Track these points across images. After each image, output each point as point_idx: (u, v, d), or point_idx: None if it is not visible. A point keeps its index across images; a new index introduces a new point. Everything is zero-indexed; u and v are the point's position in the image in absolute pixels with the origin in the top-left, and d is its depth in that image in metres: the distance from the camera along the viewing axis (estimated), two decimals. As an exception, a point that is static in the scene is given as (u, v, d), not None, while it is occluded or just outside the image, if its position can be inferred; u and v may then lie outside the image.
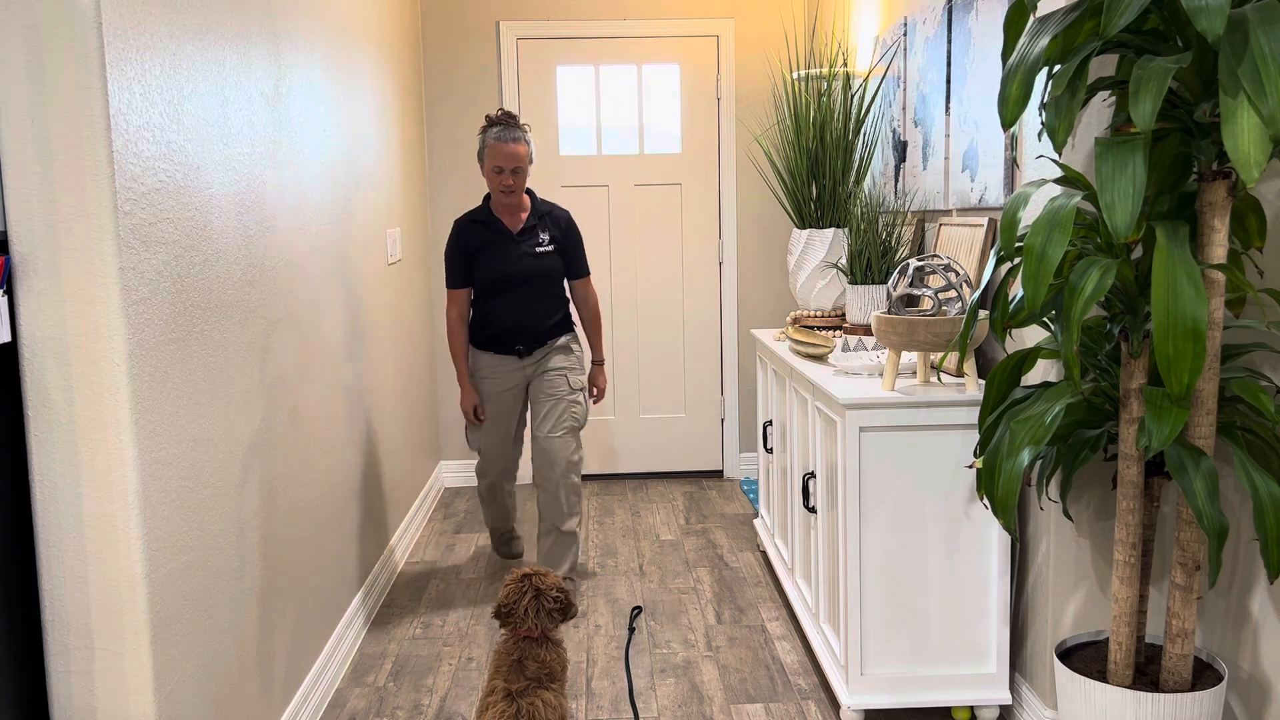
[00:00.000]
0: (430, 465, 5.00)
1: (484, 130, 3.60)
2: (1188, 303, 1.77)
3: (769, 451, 3.87)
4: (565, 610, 2.51)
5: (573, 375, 3.75)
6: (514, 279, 3.65)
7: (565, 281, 3.81)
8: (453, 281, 3.72)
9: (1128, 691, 2.01)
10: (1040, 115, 1.98)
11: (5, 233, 1.80)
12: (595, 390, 3.92)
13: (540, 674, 2.37)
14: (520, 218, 3.69)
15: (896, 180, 3.80)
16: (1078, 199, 1.90)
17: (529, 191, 3.76)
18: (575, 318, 5.02)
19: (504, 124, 3.58)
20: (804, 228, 3.78)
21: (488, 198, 3.71)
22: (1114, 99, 2.31)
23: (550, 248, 3.71)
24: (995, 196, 2.82)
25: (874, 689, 2.70)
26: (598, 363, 3.93)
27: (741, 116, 5.19)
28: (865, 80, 3.88)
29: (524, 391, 3.80)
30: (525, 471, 5.34)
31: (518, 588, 2.50)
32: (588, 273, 3.84)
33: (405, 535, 4.25)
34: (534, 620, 2.44)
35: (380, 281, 3.96)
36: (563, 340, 3.77)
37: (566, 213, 3.78)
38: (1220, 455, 2.25)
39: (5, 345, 1.81)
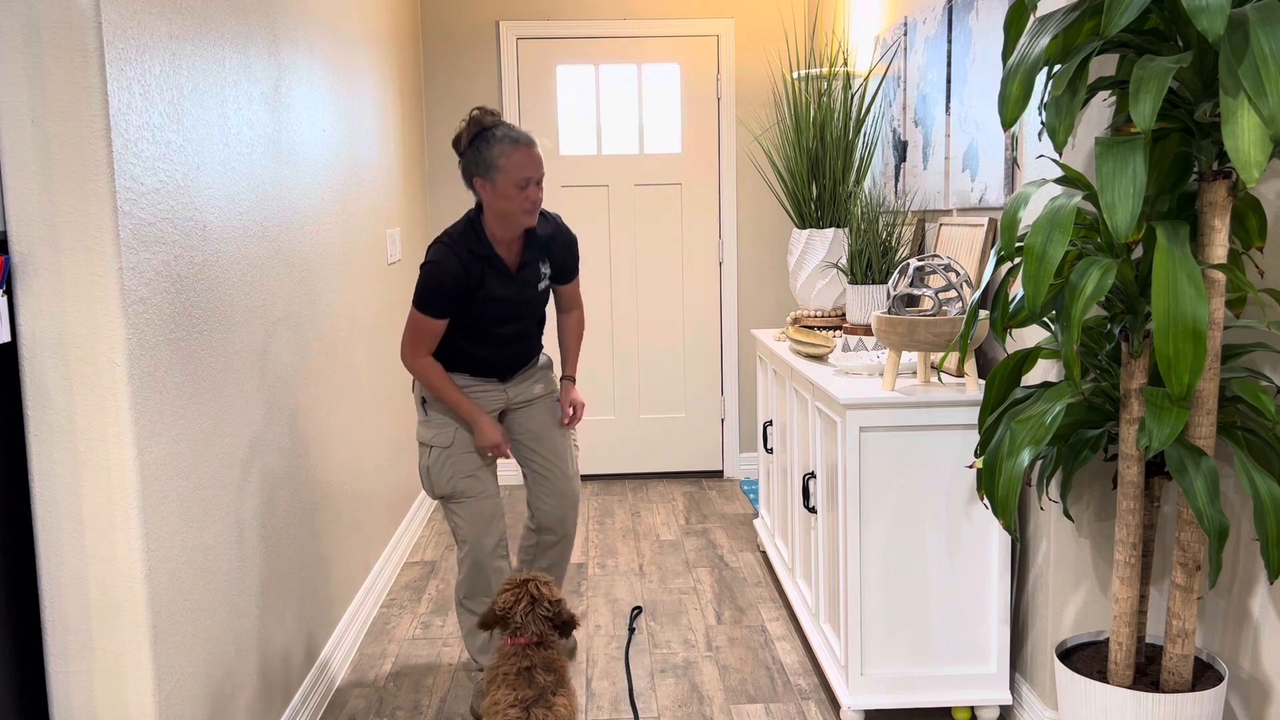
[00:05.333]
0: (430, 465, 5.00)
1: (485, 133, 2.71)
2: (1188, 303, 1.77)
3: (769, 451, 3.87)
4: (558, 620, 2.44)
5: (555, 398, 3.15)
6: (510, 322, 2.90)
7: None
8: (437, 310, 2.77)
9: (1128, 692, 2.01)
10: (1040, 115, 1.98)
11: (5, 233, 1.80)
12: (574, 410, 3.09)
13: (552, 684, 2.32)
14: (517, 250, 2.85)
15: (896, 180, 3.80)
16: (1078, 199, 1.90)
17: None
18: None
19: (505, 123, 2.75)
20: (804, 228, 3.78)
21: (472, 223, 2.81)
22: (1114, 99, 2.31)
23: (547, 282, 2.98)
24: (995, 196, 2.82)
25: (874, 689, 2.70)
26: (569, 378, 3.11)
27: (741, 116, 5.19)
28: (865, 80, 3.88)
29: (499, 420, 3.08)
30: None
31: (514, 594, 2.47)
32: (577, 276, 3.07)
33: (405, 535, 4.25)
34: (534, 627, 2.40)
35: (380, 281, 3.96)
36: (544, 359, 3.14)
37: (568, 232, 2.98)
38: (1220, 455, 2.25)
39: (5, 345, 1.81)
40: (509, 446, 3.01)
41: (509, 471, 5.38)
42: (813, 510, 3.02)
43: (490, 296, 2.83)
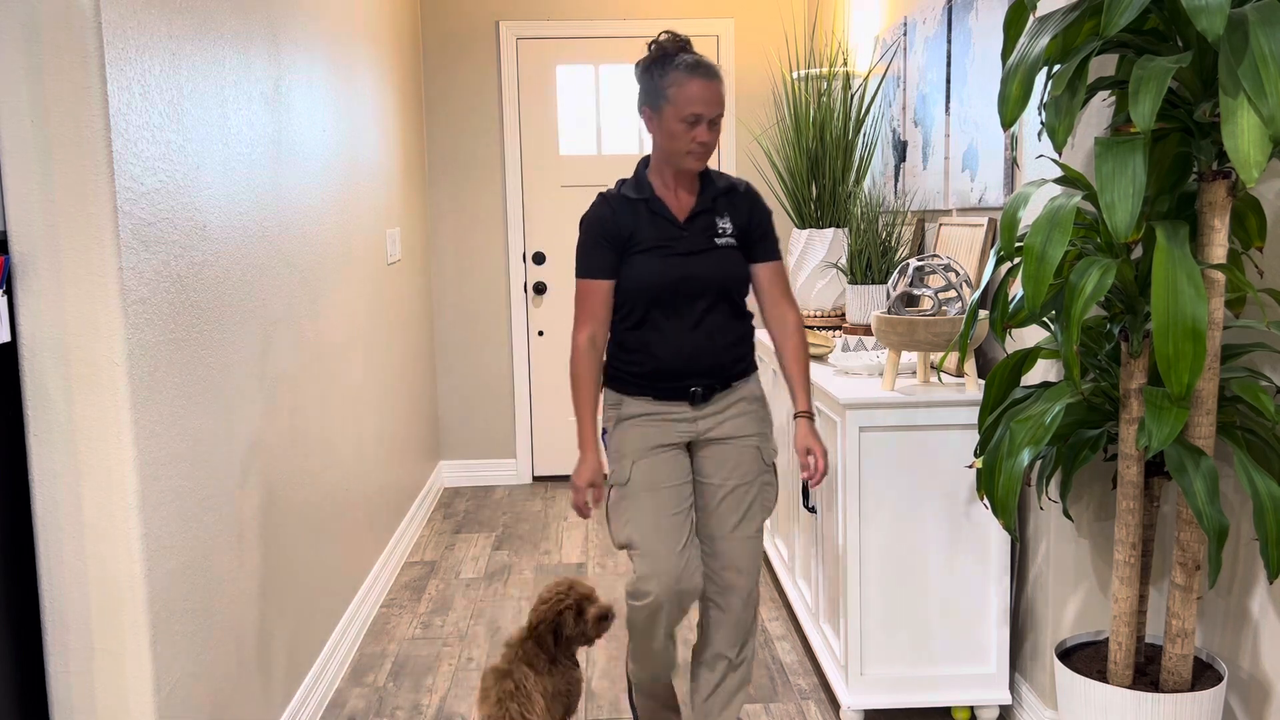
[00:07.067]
0: (430, 465, 5.00)
1: (658, 62, 2.32)
2: (1188, 303, 1.77)
3: (769, 451, 3.87)
4: (543, 638, 2.49)
5: (765, 445, 2.47)
6: (681, 289, 2.36)
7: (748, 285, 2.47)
8: (592, 268, 2.38)
9: (1128, 691, 2.01)
10: (1040, 115, 1.98)
11: (5, 233, 1.80)
12: (815, 463, 2.41)
13: (510, 692, 2.43)
14: (688, 199, 2.40)
15: (896, 180, 3.80)
16: (1078, 199, 1.90)
17: None
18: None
19: (690, 51, 2.33)
20: (804, 228, 3.78)
21: (639, 167, 2.45)
22: (1114, 99, 2.31)
23: (732, 240, 2.41)
24: (995, 196, 2.82)
25: (874, 689, 2.70)
26: (806, 415, 2.44)
27: (741, 116, 5.19)
28: (865, 80, 3.88)
29: (688, 456, 2.47)
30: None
31: (548, 608, 2.50)
32: (779, 255, 2.47)
33: (405, 535, 4.25)
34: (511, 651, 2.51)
35: (380, 281, 3.96)
36: (749, 385, 2.47)
37: (748, 184, 2.47)
38: (1220, 455, 2.25)
39: (5, 345, 1.81)
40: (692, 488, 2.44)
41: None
42: (812, 510, 3.02)
43: (645, 246, 2.36)
